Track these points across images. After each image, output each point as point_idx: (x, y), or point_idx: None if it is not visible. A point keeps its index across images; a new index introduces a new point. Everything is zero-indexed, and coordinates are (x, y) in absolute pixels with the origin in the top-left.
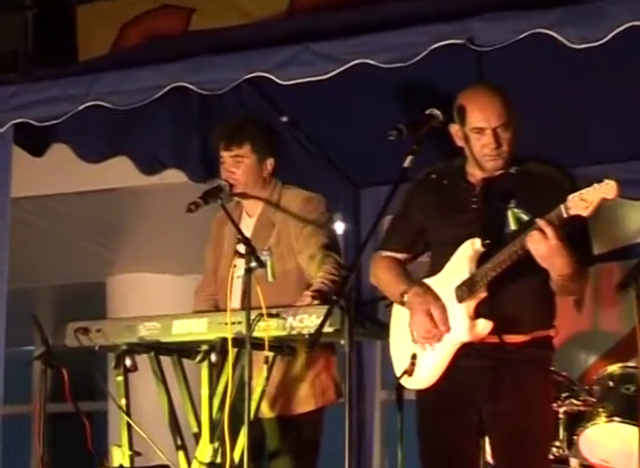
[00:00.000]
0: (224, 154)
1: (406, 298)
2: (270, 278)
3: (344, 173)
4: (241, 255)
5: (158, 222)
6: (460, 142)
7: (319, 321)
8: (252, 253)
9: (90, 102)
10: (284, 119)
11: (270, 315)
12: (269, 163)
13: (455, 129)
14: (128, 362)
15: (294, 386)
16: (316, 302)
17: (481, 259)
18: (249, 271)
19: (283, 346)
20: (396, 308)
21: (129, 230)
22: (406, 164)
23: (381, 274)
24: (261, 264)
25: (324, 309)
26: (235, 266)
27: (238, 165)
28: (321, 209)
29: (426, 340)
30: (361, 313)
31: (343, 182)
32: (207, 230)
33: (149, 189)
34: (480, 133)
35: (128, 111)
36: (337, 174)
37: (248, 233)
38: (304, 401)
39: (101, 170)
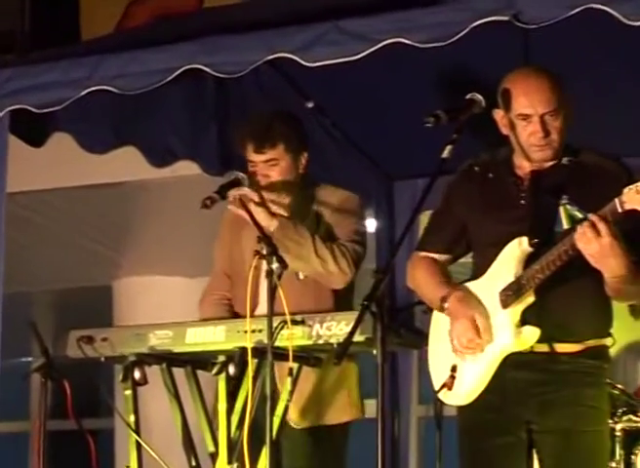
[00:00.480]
0: (256, 158)
1: (447, 305)
2: (301, 275)
3: (376, 163)
4: (262, 256)
5: (169, 219)
6: (505, 130)
7: (349, 328)
8: (274, 252)
9: (94, 87)
10: (310, 104)
11: (295, 322)
12: (304, 158)
13: (499, 115)
14: (137, 374)
15: (330, 395)
16: None
17: (529, 260)
18: (270, 273)
19: (309, 357)
20: (436, 314)
21: (137, 228)
22: (445, 154)
23: (420, 277)
24: (284, 265)
25: (354, 316)
26: (255, 268)
27: (273, 168)
28: (358, 210)
29: (468, 350)
30: (395, 320)
31: (375, 174)
32: None
33: (159, 183)
34: (526, 120)
35: (136, 97)
36: (367, 164)
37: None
38: (341, 410)
39: (107, 161)
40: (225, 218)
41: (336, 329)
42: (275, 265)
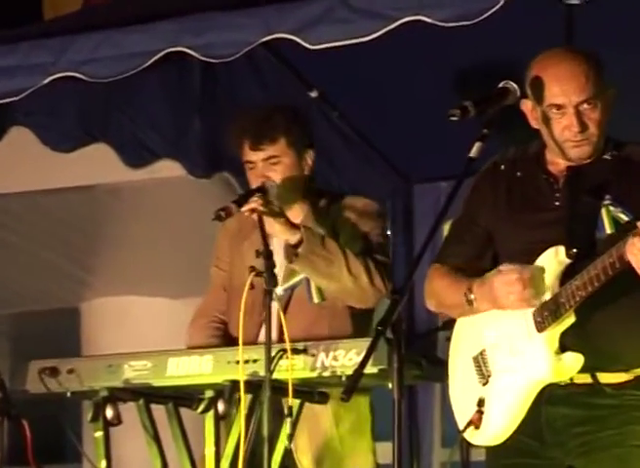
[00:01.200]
0: (253, 157)
1: (472, 295)
2: (317, 299)
3: (392, 163)
4: (258, 273)
5: (148, 230)
6: (535, 124)
7: (359, 358)
8: (269, 269)
9: (59, 74)
10: (313, 94)
11: (296, 351)
12: (309, 156)
13: (528, 106)
14: (109, 412)
15: (348, 439)
16: None
17: (567, 274)
18: (269, 294)
19: (312, 392)
20: (456, 336)
21: (109, 240)
22: (473, 153)
23: (437, 285)
24: (275, 284)
25: (365, 343)
26: (253, 287)
27: (274, 167)
28: (379, 215)
29: (523, 303)
30: (415, 348)
31: (390, 176)
32: (214, 241)
33: (136, 186)
34: (559, 111)
35: (108, 85)
36: (381, 164)
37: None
38: (362, 456)
39: (74, 161)
40: (226, 227)
41: (344, 358)
42: (280, 289)
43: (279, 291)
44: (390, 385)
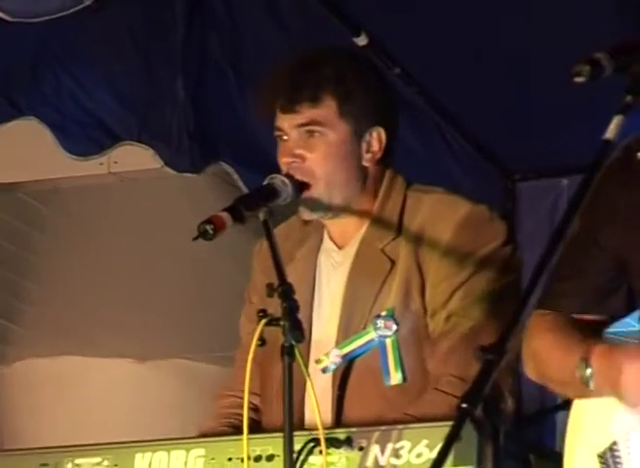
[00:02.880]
0: (284, 123)
1: (589, 370)
2: (396, 379)
3: (489, 154)
4: (271, 321)
5: (104, 252)
6: None
7: (434, 453)
8: (289, 313)
9: None
10: (361, 41)
11: (334, 442)
12: (376, 135)
13: None
14: None
15: None
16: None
17: None
18: (289, 350)
19: None
20: (574, 425)
21: (41, 271)
22: (609, 134)
23: (538, 344)
24: (300, 336)
25: (442, 429)
26: (264, 343)
27: (312, 142)
28: (497, 235)
29: None
30: (521, 437)
31: (487, 171)
32: (208, 267)
33: (83, 187)
34: None
35: (42, 32)
36: (473, 156)
37: (340, 280)
38: None
39: None
40: (259, 259)
41: (410, 454)
42: (333, 355)
43: (332, 358)
44: None
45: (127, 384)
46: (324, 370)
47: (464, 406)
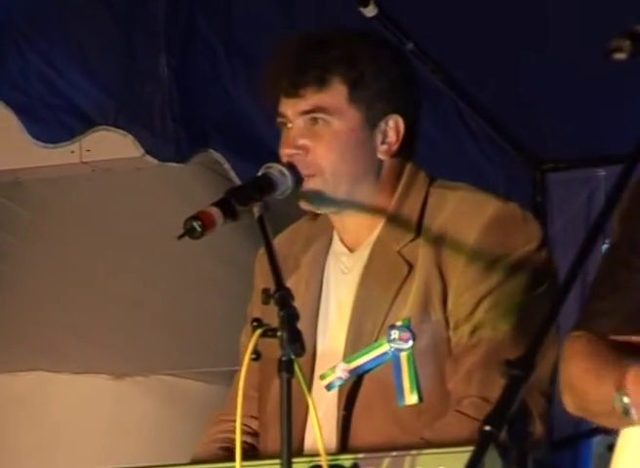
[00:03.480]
0: (287, 109)
1: (627, 400)
2: (411, 399)
3: (514, 141)
4: (267, 333)
5: (72, 250)
6: None
7: None
8: (287, 323)
9: None
10: (369, 13)
11: None
12: (392, 124)
13: None
14: None
15: None
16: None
17: None
18: (287, 365)
19: None
20: (622, 454)
21: (3, 271)
22: None
23: (574, 371)
24: (299, 350)
25: (463, 454)
26: (259, 357)
27: (316, 130)
28: (531, 238)
29: None
30: (552, 465)
31: (513, 159)
32: (195, 270)
33: (54, 178)
34: None
35: (5, 3)
36: (498, 142)
37: (350, 287)
38: None
39: None
40: (261, 266)
41: None
42: (340, 370)
43: (338, 373)
44: None
45: (102, 403)
46: (328, 387)
47: (487, 428)
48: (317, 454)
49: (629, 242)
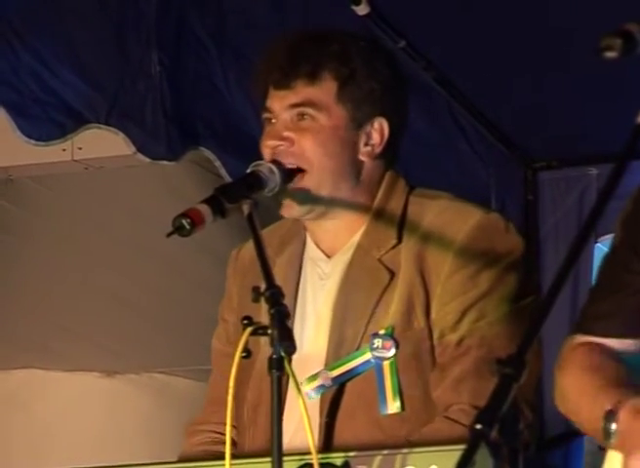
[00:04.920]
0: (274, 103)
1: (614, 425)
2: (394, 407)
3: (506, 139)
4: (257, 331)
5: (63, 253)
6: None
7: None
8: (278, 321)
9: None
10: (361, 11)
11: (327, 467)
12: (377, 126)
13: None
14: None
15: None
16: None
17: None
18: (277, 363)
19: None
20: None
21: None
22: None
23: (568, 381)
24: (290, 348)
25: (454, 453)
26: (249, 355)
27: (303, 125)
28: (513, 249)
29: None
30: (543, 463)
31: (505, 158)
32: (186, 268)
33: (46, 176)
34: None
35: None
36: (489, 140)
37: (328, 294)
38: None
39: None
40: (241, 255)
41: None
42: (325, 375)
43: (320, 381)
44: None
45: (94, 401)
46: (309, 395)
47: (478, 427)
48: (308, 453)
49: (630, 245)
